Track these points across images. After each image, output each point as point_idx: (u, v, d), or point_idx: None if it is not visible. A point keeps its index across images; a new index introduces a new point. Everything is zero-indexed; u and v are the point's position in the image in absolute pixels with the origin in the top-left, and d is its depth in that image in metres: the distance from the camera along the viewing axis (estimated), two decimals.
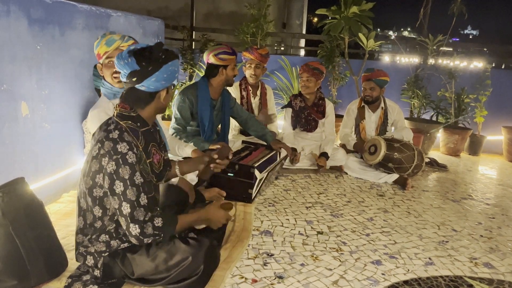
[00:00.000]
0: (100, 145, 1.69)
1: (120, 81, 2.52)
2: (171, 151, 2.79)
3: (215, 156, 2.24)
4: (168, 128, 3.18)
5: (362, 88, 4.02)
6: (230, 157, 2.39)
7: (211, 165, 2.24)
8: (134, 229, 1.66)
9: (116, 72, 2.46)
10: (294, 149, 3.79)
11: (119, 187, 1.65)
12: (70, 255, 2.06)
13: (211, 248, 1.84)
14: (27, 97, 2.50)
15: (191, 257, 1.75)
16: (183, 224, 1.83)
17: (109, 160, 1.65)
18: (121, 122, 1.72)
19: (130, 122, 1.73)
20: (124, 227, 1.69)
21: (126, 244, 1.79)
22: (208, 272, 1.85)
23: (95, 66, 2.88)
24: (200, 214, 1.93)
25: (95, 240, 1.78)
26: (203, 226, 2.03)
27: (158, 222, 1.70)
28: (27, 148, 2.55)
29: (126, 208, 1.65)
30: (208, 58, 3.20)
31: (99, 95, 2.94)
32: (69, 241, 2.25)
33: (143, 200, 1.68)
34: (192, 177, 2.78)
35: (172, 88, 1.86)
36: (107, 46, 2.46)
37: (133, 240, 1.71)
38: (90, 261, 1.79)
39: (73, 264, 1.98)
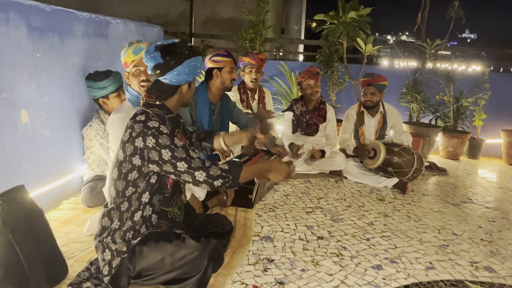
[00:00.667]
0: (130, 130, 1.78)
1: None
2: None
3: (258, 133, 2.34)
4: None
5: (362, 93, 4.03)
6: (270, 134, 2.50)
7: (256, 142, 2.36)
8: (200, 175, 1.74)
9: (143, 81, 2.48)
10: (293, 144, 3.80)
11: (166, 154, 1.72)
12: (70, 263, 2.06)
13: (217, 248, 1.87)
14: (27, 104, 2.51)
15: (197, 252, 1.77)
16: (248, 171, 1.85)
17: (144, 137, 1.73)
18: (147, 110, 1.83)
19: (156, 109, 1.84)
20: (191, 181, 1.75)
21: (144, 230, 1.82)
22: (209, 272, 1.84)
23: (86, 78, 2.89)
24: (264, 164, 1.95)
25: (118, 237, 1.78)
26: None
27: (224, 165, 1.79)
28: (27, 156, 2.55)
29: (182, 165, 1.73)
30: (206, 62, 3.24)
31: (98, 105, 2.95)
32: (69, 248, 2.25)
33: (194, 154, 1.77)
34: (200, 194, 2.80)
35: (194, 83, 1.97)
36: (134, 54, 2.45)
37: (205, 187, 1.77)
38: (107, 255, 1.79)
39: (73, 271, 1.98)
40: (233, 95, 3.98)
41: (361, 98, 4.09)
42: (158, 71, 1.82)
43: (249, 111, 3.99)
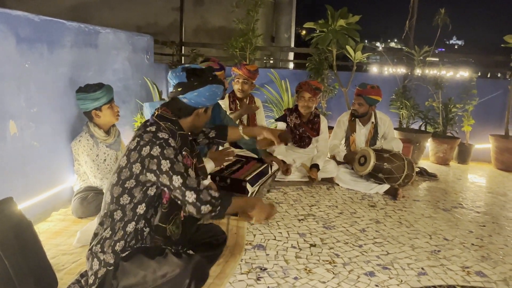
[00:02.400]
0: (138, 139, 1.77)
1: None
2: None
3: (277, 139, 2.40)
4: None
5: (352, 101, 4.06)
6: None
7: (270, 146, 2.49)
8: (191, 196, 1.72)
9: None
10: (283, 162, 3.80)
11: (166, 165, 1.72)
12: (60, 275, 2.03)
13: (200, 264, 1.81)
14: (15, 115, 2.49)
15: (179, 269, 1.72)
16: (235, 203, 1.86)
17: (151, 146, 1.74)
18: (160, 122, 1.83)
19: (169, 123, 1.85)
20: (181, 198, 1.73)
21: (133, 243, 1.79)
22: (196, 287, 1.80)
23: (77, 91, 2.87)
24: (249, 200, 2.03)
25: (108, 246, 1.76)
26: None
27: (214, 192, 1.77)
28: (15, 167, 2.52)
29: (177, 180, 1.71)
30: None
31: (89, 117, 2.92)
32: (58, 260, 2.22)
33: (192, 173, 1.77)
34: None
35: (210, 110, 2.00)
36: None
37: (191, 209, 1.74)
38: (95, 265, 1.77)
39: (63, 284, 1.95)
40: (223, 103, 4.00)
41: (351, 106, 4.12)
42: (180, 89, 1.87)
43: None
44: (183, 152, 1.88)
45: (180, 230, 2.00)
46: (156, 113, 1.88)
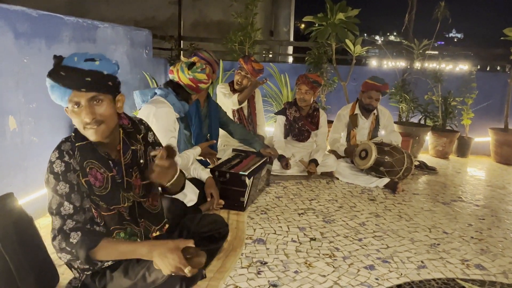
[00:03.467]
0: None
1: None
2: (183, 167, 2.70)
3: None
4: None
5: (365, 96, 4.00)
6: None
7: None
8: (54, 239, 1.54)
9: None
10: (283, 156, 3.80)
11: (48, 196, 1.58)
12: (61, 270, 2.04)
13: None
14: (14, 111, 2.48)
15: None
16: (109, 250, 1.54)
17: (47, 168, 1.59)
18: (72, 133, 1.65)
19: (73, 134, 1.64)
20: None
21: (109, 263, 1.68)
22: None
23: None
24: (143, 245, 1.54)
25: None
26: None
27: (74, 237, 1.52)
28: (15, 163, 2.52)
29: (52, 218, 1.57)
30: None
31: None
32: None
33: (66, 210, 1.54)
34: (192, 197, 2.76)
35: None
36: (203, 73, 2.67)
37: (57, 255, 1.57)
38: (75, 273, 1.75)
39: (64, 279, 1.96)
40: (224, 88, 4.00)
41: (362, 100, 4.06)
42: None
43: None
44: (87, 168, 1.60)
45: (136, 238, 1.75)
46: None
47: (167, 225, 1.88)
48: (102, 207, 1.62)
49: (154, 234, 1.80)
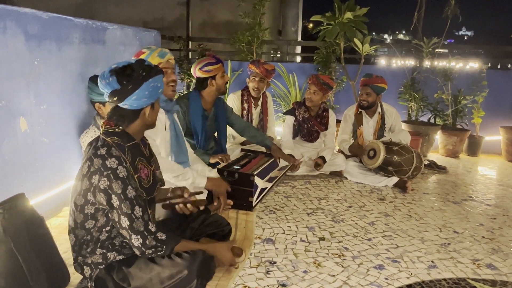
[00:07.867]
0: (89, 163, 1.69)
1: (174, 91, 2.74)
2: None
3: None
4: None
5: (359, 93, 4.04)
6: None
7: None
8: (136, 240, 1.70)
9: (172, 81, 2.66)
10: (292, 156, 3.80)
11: (115, 201, 1.67)
12: (72, 270, 2.05)
13: (205, 261, 1.83)
14: (25, 112, 2.51)
15: (186, 271, 1.74)
16: (185, 247, 1.85)
17: (100, 177, 1.66)
18: (107, 139, 1.73)
19: (115, 138, 1.74)
20: (128, 239, 1.72)
21: (121, 257, 1.80)
22: (202, 284, 1.83)
23: (90, 79, 2.88)
24: (208, 247, 1.94)
25: (92, 252, 1.78)
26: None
27: (161, 235, 1.75)
28: (27, 164, 2.55)
29: (125, 221, 1.69)
30: (195, 72, 3.24)
31: (94, 108, 2.95)
32: (70, 255, 2.24)
33: (138, 212, 1.71)
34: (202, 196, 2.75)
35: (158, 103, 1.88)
36: (160, 58, 2.54)
37: (136, 251, 1.73)
38: (87, 271, 1.80)
39: (75, 278, 1.98)
40: (235, 101, 4.00)
41: (358, 98, 4.09)
42: (115, 98, 1.70)
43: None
44: (139, 164, 1.80)
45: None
46: (102, 129, 1.77)
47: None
48: (143, 198, 1.80)
49: None
